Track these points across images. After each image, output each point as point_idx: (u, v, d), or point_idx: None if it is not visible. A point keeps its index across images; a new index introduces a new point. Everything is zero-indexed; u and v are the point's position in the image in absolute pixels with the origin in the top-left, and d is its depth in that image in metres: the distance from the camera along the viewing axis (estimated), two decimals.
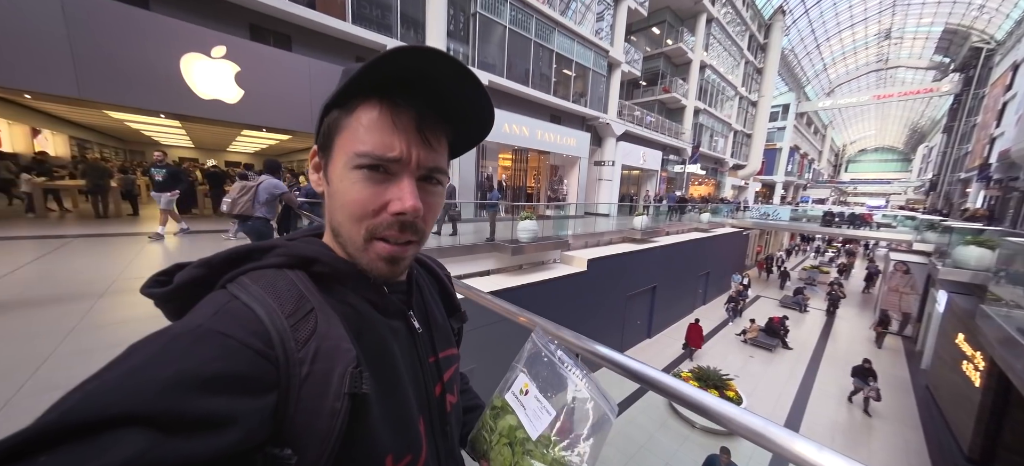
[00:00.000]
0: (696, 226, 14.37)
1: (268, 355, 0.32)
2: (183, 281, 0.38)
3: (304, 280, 0.39)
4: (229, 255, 0.39)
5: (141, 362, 0.26)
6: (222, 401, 0.27)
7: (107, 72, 4.97)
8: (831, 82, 42.43)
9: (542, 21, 11.01)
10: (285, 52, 6.72)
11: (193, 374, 0.26)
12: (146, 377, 0.25)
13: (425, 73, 0.37)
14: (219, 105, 5.94)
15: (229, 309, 0.33)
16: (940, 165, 30.49)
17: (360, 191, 0.38)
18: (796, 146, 38.46)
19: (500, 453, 0.46)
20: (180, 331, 0.29)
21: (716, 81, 20.90)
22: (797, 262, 25.12)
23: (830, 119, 52.50)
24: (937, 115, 41.52)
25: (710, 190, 24.51)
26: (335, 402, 0.33)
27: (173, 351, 0.27)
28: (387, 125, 0.38)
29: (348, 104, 0.39)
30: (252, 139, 12.62)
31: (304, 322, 0.35)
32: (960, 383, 6.08)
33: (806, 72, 38.45)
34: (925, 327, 9.47)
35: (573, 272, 7.38)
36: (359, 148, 0.37)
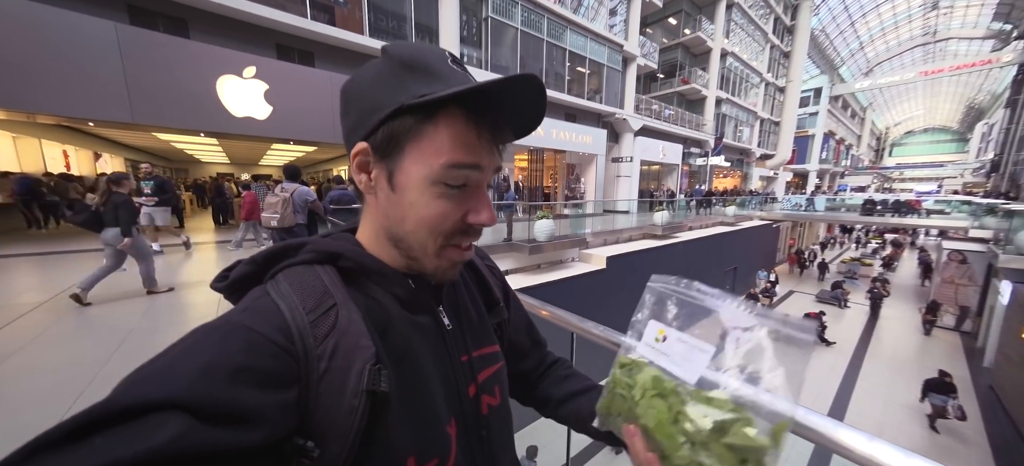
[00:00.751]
0: (721, 220, 13.82)
1: (289, 350, 0.32)
2: (236, 277, 0.41)
3: (331, 275, 0.39)
4: (269, 253, 0.42)
5: (178, 353, 0.29)
6: (249, 393, 0.28)
7: (155, 98, 5.48)
8: (869, 61, 39.48)
9: (554, 20, 11.01)
10: (309, 68, 7.12)
11: (222, 365, 0.28)
12: (182, 366, 0.27)
13: (512, 91, 0.37)
14: (251, 122, 6.38)
15: (258, 305, 0.35)
16: (1003, 143, 27.58)
17: (443, 205, 0.38)
18: (831, 132, 36.12)
19: (651, 406, 0.37)
20: (213, 326, 0.31)
21: (739, 69, 20.03)
22: (836, 254, 23.53)
23: (870, 101, 48.81)
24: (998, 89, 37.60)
25: (736, 182, 23.47)
26: (353, 399, 0.33)
27: (205, 343, 0.30)
28: (473, 140, 0.37)
29: (431, 113, 0.37)
30: (281, 152, 13.41)
31: (324, 318, 0.35)
32: None
33: (840, 52, 36.00)
34: (987, 321, 8.64)
35: (592, 270, 7.33)
36: (449, 161, 0.37)
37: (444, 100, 0.36)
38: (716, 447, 0.32)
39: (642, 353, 0.41)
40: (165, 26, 5.86)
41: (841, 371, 8.44)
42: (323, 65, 7.46)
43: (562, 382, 0.61)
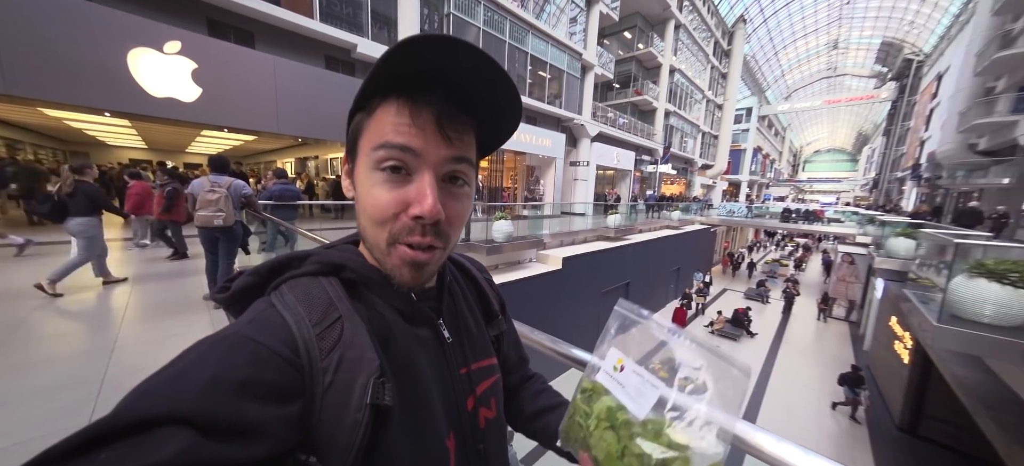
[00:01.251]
0: (667, 224, 14.97)
1: (294, 363, 0.32)
2: (238, 288, 0.40)
3: (335, 287, 0.39)
4: (273, 265, 0.41)
5: (184, 366, 0.28)
6: (253, 406, 0.28)
7: (39, 66, 4.57)
8: (789, 87, 45.45)
9: (516, 23, 11.12)
10: (248, 49, 6.43)
11: (227, 378, 0.27)
12: (187, 380, 0.27)
13: (445, 66, 0.35)
14: (174, 104, 5.60)
15: (263, 317, 0.35)
16: (880, 165, 33.42)
17: (380, 193, 0.37)
18: (759, 147, 40.82)
19: (602, 439, 0.38)
20: (219, 337, 0.31)
21: (685, 85, 21.85)
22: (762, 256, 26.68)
23: (788, 122, 56.17)
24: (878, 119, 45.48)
25: (681, 189, 25.60)
26: (357, 413, 0.32)
27: (211, 356, 0.29)
28: (405, 121, 0.36)
29: (368, 105, 0.38)
30: (214, 140, 11.93)
31: (330, 330, 0.35)
32: (893, 361, 6.74)
33: (766, 77, 40.97)
34: (867, 312, 10.38)
35: (549, 270, 7.52)
36: (373, 142, 0.37)
37: (371, 89, 0.36)
38: None
39: (601, 380, 0.42)
40: None
41: (762, 357, 9.60)
42: (265, 47, 6.79)
43: (535, 397, 0.60)
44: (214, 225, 3.16)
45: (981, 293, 2.89)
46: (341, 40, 7.58)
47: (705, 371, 0.37)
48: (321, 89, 7.04)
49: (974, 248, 3.12)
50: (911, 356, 5.93)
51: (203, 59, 5.71)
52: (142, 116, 5.69)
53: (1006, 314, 2.78)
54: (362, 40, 7.89)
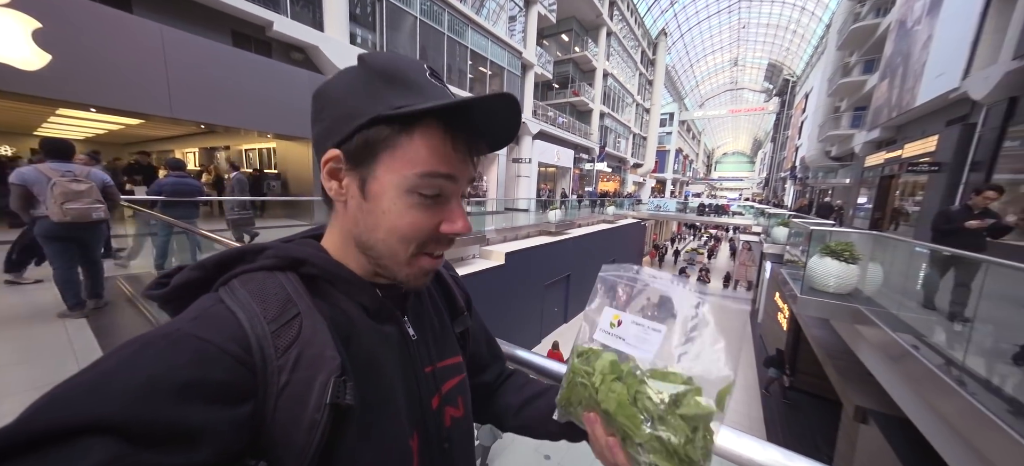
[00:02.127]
0: (603, 218, 16.09)
1: (245, 361, 0.30)
2: (179, 283, 0.38)
3: (294, 283, 0.37)
4: (221, 257, 0.39)
5: (112, 367, 0.25)
6: (195, 409, 0.25)
7: None
8: (702, 96, 51.91)
9: (455, 16, 10.91)
10: (122, 13, 5.29)
11: (165, 380, 0.25)
12: (116, 382, 0.24)
13: (488, 109, 0.36)
14: (8, 72, 4.39)
15: (210, 313, 0.32)
16: (769, 167, 40.06)
17: (417, 215, 0.38)
18: (680, 148, 45.99)
19: (611, 391, 0.37)
20: (156, 335, 0.28)
21: (617, 88, 23.62)
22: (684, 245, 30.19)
23: (703, 126, 64.17)
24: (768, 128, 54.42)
25: (616, 186, 27.71)
26: (315, 413, 0.31)
27: (146, 356, 0.26)
28: (448, 151, 0.37)
29: (406, 122, 0.36)
30: (78, 122, 9.65)
31: (287, 327, 0.33)
32: (777, 329, 8.20)
33: (685, 86, 46.25)
34: (759, 291, 12.41)
35: (492, 265, 7.58)
36: (423, 170, 0.36)
37: (422, 113, 0.35)
38: (672, 419, 0.34)
39: (599, 340, 0.43)
40: None
41: None
42: (146, 13, 5.67)
43: (520, 389, 0.61)
44: (92, 219, 2.62)
45: (827, 269, 3.64)
46: (253, 14, 6.66)
47: (704, 308, 0.40)
48: (230, 70, 6.11)
49: (825, 234, 3.92)
50: (788, 324, 7.27)
51: (49, 17, 4.55)
52: None
53: (842, 284, 3.54)
54: (279, 17, 7.03)
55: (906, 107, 10.32)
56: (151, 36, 5.39)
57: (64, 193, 2.54)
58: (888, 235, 4.03)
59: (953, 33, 8.52)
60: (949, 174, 8.01)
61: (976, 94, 7.54)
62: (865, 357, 3.22)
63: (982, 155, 7.48)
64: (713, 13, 35.02)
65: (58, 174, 2.55)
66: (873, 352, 3.08)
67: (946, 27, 8.91)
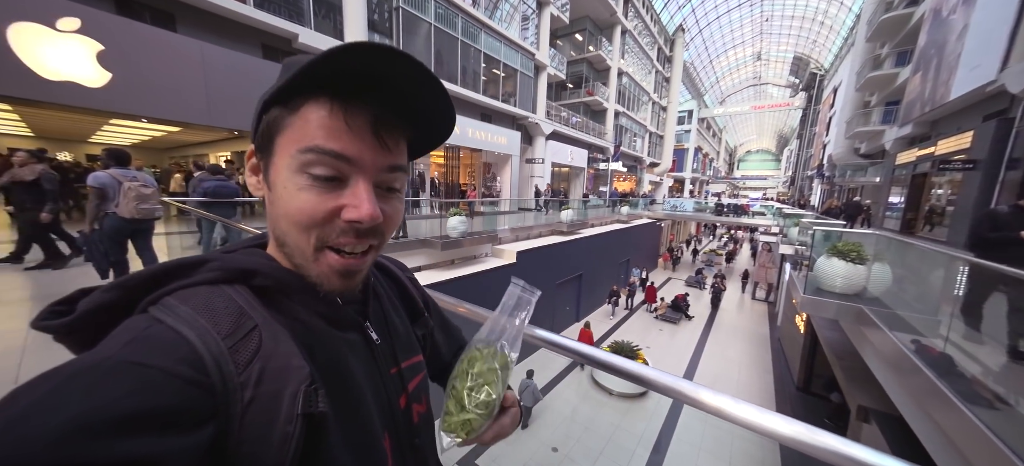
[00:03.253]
0: (617, 218, 16.01)
1: (201, 383, 0.27)
2: (89, 308, 0.32)
3: (245, 295, 0.35)
4: (150, 273, 0.34)
5: (26, 407, 0.21)
6: (143, 442, 0.23)
7: None
8: (723, 93, 50.31)
9: (468, 21, 11.20)
10: (168, 32, 5.85)
11: (100, 416, 0.22)
12: (33, 425, 0.20)
13: (381, 74, 0.33)
14: (75, 89, 4.97)
15: (149, 335, 0.28)
16: (796, 165, 38.41)
17: (308, 197, 0.34)
18: (699, 147, 44.79)
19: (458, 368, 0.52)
20: (80, 367, 0.24)
21: (632, 87, 23.36)
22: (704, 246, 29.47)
23: (724, 124, 62.18)
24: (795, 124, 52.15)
25: (632, 186, 27.36)
26: (287, 425, 0.29)
27: (71, 391, 0.22)
28: (339, 126, 0.33)
29: (292, 102, 0.34)
30: (127, 130, 10.56)
31: (245, 341, 0.31)
32: (795, 333, 8.01)
33: (704, 82, 45.00)
34: (779, 294, 12.07)
35: (503, 264, 7.79)
36: (305, 143, 0.33)
37: (297, 84, 0.33)
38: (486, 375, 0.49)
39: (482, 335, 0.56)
40: None
41: (696, 338, 10.77)
42: (189, 31, 6.22)
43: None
44: (155, 216, 3.25)
45: (834, 269, 3.64)
46: (280, 28, 7.15)
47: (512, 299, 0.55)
48: (260, 80, 6.61)
49: (833, 233, 3.91)
50: (805, 327, 7.11)
51: (111, 40, 5.12)
52: (32, 101, 4.98)
53: (849, 284, 3.54)
54: (304, 30, 7.51)
55: (940, 101, 9.83)
56: (192, 52, 5.93)
57: (138, 196, 3.07)
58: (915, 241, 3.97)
59: (990, 22, 8.08)
60: (985, 172, 7.61)
61: (1014, 87, 7.15)
62: (868, 357, 3.22)
63: (1021, 152, 7.09)
64: (733, 7, 33.93)
65: (127, 179, 3.04)
66: (875, 352, 3.08)
67: (983, 16, 8.45)
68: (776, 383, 7.95)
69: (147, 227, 3.33)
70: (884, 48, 15.54)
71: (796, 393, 7.25)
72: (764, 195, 55.96)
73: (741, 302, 15.09)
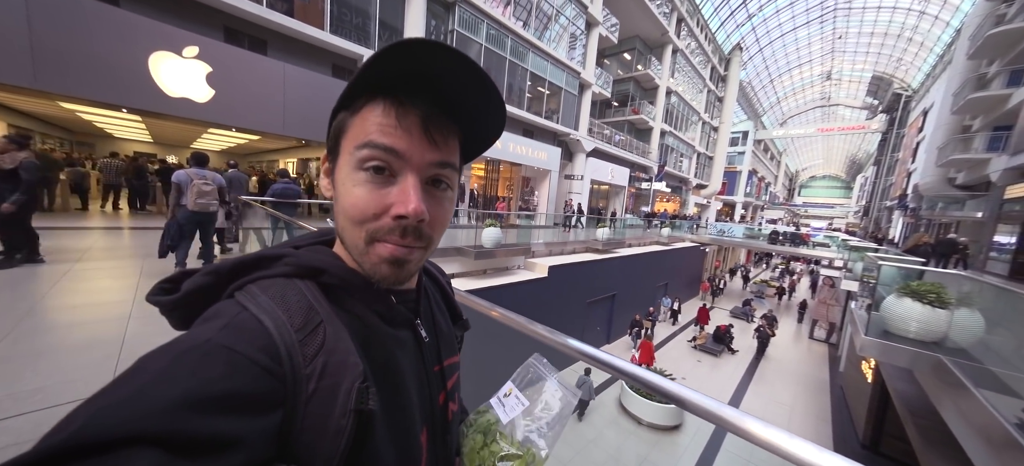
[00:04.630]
0: (657, 239, 15.34)
1: (275, 371, 0.30)
2: (191, 289, 0.37)
3: (313, 291, 0.37)
4: (238, 263, 0.38)
5: (149, 379, 0.25)
6: (229, 421, 0.26)
7: (69, 64, 4.94)
8: (784, 113, 46.57)
9: (517, 41, 11.66)
10: (260, 56, 6.83)
11: (201, 393, 0.26)
12: (155, 395, 0.24)
13: (432, 70, 0.35)
14: (188, 103, 5.97)
15: (238, 322, 0.32)
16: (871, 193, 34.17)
17: (361, 193, 0.37)
18: (754, 170, 41.65)
19: (472, 440, 0.50)
20: (188, 346, 0.28)
21: (681, 106, 22.54)
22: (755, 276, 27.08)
23: (784, 147, 57.33)
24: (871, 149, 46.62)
25: (675, 207, 26.11)
26: (341, 419, 0.32)
27: (181, 368, 0.27)
28: (391, 122, 0.36)
29: (354, 105, 0.37)
30: (219, 137, 12.30)
31: (313, 336, 0.34)
32: (860, 380, 7.04)
33: (762, 103, 42.05)
34: (843, 335, 10.70)
35: (534, 277, 7.83)
36: (358, 141, 0.36)
37: (358, 87, 0.36)
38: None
39: (491, 403, 0.55)
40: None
41: (740, 374, 9.87)
42: (277, 54, 7.20)
43: None
44: (210, 210, 3.78)
45: (907, 311, 3.23)
46: (349, 50, 8.01)
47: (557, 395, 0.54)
48: (326, 95, 7.45)
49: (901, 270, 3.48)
50: (873, 375, 6.24)
51: (217, 63, 6.10)
52: (158, 114, 6.05)
53: (926, 330, 3.11)
54: (368, 52, 8.33)
55: None
56: (276, 72, 6.84)
57: (199, 192, 3.66)
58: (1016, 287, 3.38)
59: None
60: None
61: None
62: (950, 419, 2.75)
63: None
64: (800, 25, 31.62)
65: (197, 178, 3.67)
66: (958, 414, 2.63)
67: None
68: (835, 437, 7.00)
69: (206, 219, 3.86)
70: (993, 66, 13.51)
71: (862, 452, 6.33)
72: (830, 225, 50.30)
73: (797, 338, 13.58)
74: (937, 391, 2.83)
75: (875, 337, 3.22)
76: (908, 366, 3.09)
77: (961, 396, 2.53)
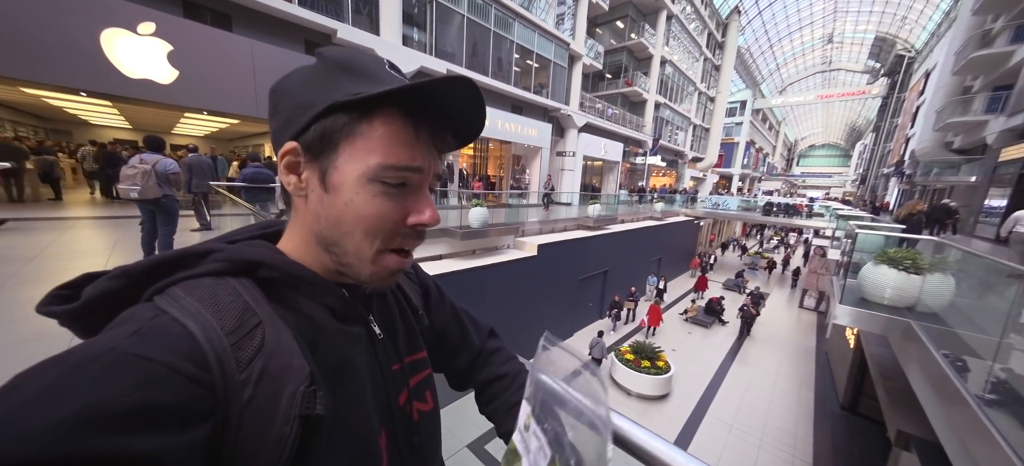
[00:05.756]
0: (650, 215, 15.27)
1: (202, 380, 0.28)
2: (95, 295, 0.32)
3: (250, 289, 0.34)
4: (156, 261, 0.34)
5: (30, 396, 0.22)
6: (141, 439, 0.23)
7: (13, 45, 4.64)
8: (783, 81, 45.49)
9: (501, 11, 11.12)
10: (225, 32, 6.46)
11: (105, 409, 0.22)
12: (38, 415, 0.21)
13: (449, 94, 0.35)
14: (150, 85, 5.68)
15: (154, 326, 0.28)
16: (869, 161, 33.92)
17: (381, 205, 0.36)
18: (752, 141, 41.07)
19: None
20: (86, 355, 0.25)
21: (676, 76, 21.91)
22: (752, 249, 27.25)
23: (783, 116, 56.38)
24: (871, 115, 45.90)
25: (671, 181, 25.89)
26: (283, 427, 0.30)
27: (76, 381, 0.23)
28: (411, 138, 0.36)
29: (364, 109, 0.35)
30: (197, 122, 11.91)
31: (248, 338, 0.31)
32: (843, 346, 7.19)
33: (761, 70, 40.94)
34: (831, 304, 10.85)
35: (523, 256, 7.79)
36: (386, 161, 0.35)
37: (379, 98, 0.35)
38: None
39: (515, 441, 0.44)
40: None
41: (729, 344, 10.05)
42: (243, 30, 6.81)
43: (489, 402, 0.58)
44: (131, 197, 3.54)
45: (883, 278, 3.20)
46: (321, 25, 7.60)
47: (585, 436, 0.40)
48: None
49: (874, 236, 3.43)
50: (855, 341, 6.35)
51: (179, 41, 5.77)
52: (119, 97, 5.77)
53: (900, 296, 3.09)
54: (343, 26, 7.91)
55: None
56: (244, 49, 6.50)
57: (122, 175, 3.48)
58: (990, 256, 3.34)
59: None
60: None
61: None
62: (912, 377, 2.79)
63: None
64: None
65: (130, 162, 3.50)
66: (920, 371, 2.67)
67: None
68: (817, 399, 7.21)
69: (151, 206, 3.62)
70: (998, 21, 12.97)
71: (840, 412, 6.54)
72: (826, 194, 50.30)
73: (788, 307, 13.80)
74: (904, 353, 2.86)
75: (850, 305, 3.21)
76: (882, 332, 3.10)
77: (922, 355, 2.55)
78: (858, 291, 3.36)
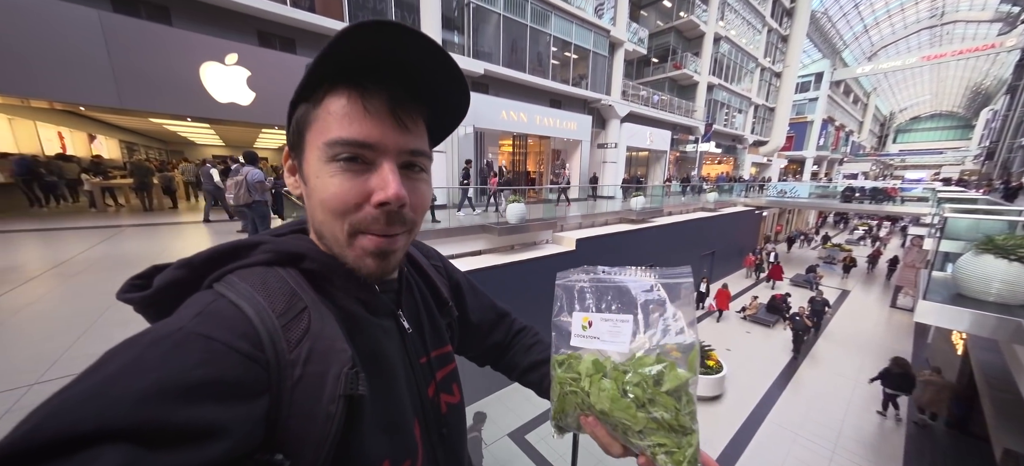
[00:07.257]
0: (702, 206, 14.14)
1: (257, 358, 0.30)
2: (163, 284, 0.36)
3: (296, 277, 0.37)
4: (212, 253, 0.37)
5: (115, 371, 0.24)
6: (207, 409, 0.25)
7: (142, 83, 5.79)
8: (873, 44, 38.70)
9: (537, 5, 11.04)
10: (290, 55, 7.35)
11: (174, 382, 0.25)
12: (122, 387, 0.23)
13: (391, 52, 0.34)
14: (235, 107, 6.69)
15: (214, 309, 0.31)
16: (1000, 130, 27.45)
17: (338, 184, 0.35)
18: (830, 118, 35.81)
19: (601, 390, 0.38)
20: (158, 335, 0.27)
21: (733, 53, 19.86)
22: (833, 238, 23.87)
23: (874, 86, 48.04)
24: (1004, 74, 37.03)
25: (729, 169, 23.62)
26: (330, 405, 0.32)
27: (151, 358, 0.25)
28: (358, 111, 0.35)
29: (314, 96, 0.36)
30: (273, 136, 13.68)
31: (296, 321, 0.34)
32: (949, 352, 6.02)
33: (843, 36, 35.29)
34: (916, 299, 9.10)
35: (562, 251, 7.76)
36: (331, 136, 0.35)
37: (316, 78, 0.34)
38: (660, 398, 0.35)
39: (576, 344, 0.42)
40: (147, 13, 6.10)
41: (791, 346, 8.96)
42: (305, 51, 7.68)
43: (527, 351, 0.62)
44: (231, 203, 4.50)
45: (987, 270, 2.67)
46: None
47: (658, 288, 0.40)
48: None
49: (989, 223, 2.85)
50: (963, 348, 5.30)
51: (255, 67, 6.70)
52: (212, 119, 6.89)
53: (1011, 292, 2.55)
54: None
55: None
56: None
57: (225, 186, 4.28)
58: None
59: None
60: None
61: None
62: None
63: None
64: None
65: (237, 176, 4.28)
66: None
67: None
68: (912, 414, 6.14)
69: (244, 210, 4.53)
70: None
71: (945, 431, 5.51)
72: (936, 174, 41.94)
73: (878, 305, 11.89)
74: (1015, 360, 2.32)
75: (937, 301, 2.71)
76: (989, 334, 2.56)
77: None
78: (952, 286, 2.82)
